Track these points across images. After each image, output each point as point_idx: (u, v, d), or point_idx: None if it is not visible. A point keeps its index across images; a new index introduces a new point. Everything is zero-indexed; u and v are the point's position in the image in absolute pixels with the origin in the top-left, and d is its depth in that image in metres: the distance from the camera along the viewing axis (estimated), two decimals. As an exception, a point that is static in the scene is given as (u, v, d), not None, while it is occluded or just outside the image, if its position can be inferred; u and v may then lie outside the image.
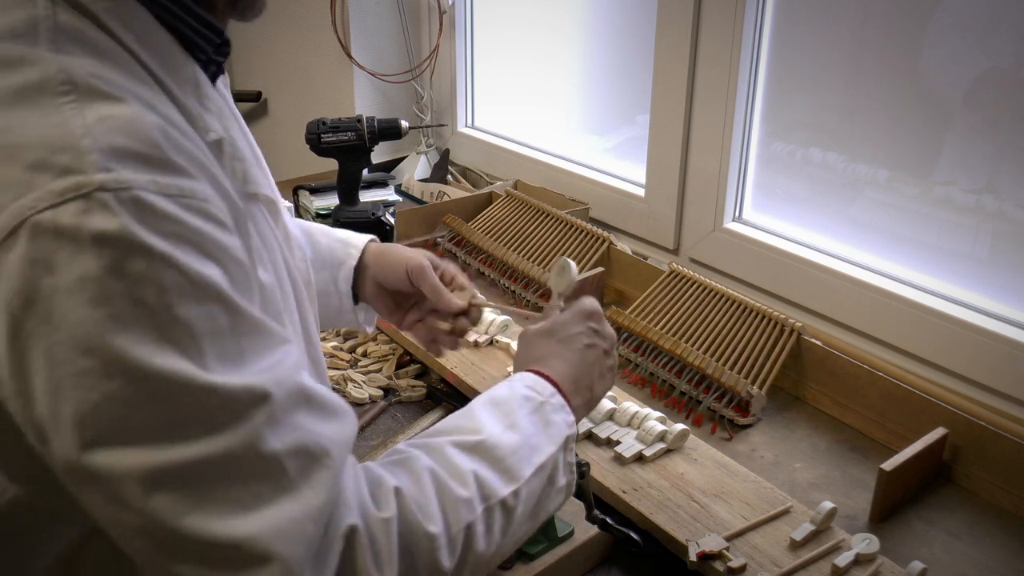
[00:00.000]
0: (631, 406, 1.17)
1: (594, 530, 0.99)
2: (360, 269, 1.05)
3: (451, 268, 1.04)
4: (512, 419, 0.79)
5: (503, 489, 0.75)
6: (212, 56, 0.72)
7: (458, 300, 1.01)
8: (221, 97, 0.75)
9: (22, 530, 0.64)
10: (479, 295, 1.04)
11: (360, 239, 1.07)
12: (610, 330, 0.93)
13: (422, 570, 0.68)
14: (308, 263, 0.90)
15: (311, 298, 0.86)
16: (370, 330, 1.12)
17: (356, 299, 1.06)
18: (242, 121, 0.79)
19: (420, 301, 1.04)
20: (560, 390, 0.84)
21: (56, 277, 0.54)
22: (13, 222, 0.54)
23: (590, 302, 0.92)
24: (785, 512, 1.02)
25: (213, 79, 0.74)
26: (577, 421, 0.85)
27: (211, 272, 0.58)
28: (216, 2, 0.71)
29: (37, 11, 0.60)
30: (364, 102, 2.24)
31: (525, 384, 0.84)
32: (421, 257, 1.01)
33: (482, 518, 0.72)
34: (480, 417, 0.79)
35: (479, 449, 0.76)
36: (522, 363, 0.89)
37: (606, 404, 1.17)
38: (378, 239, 1.09)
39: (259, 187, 0.75)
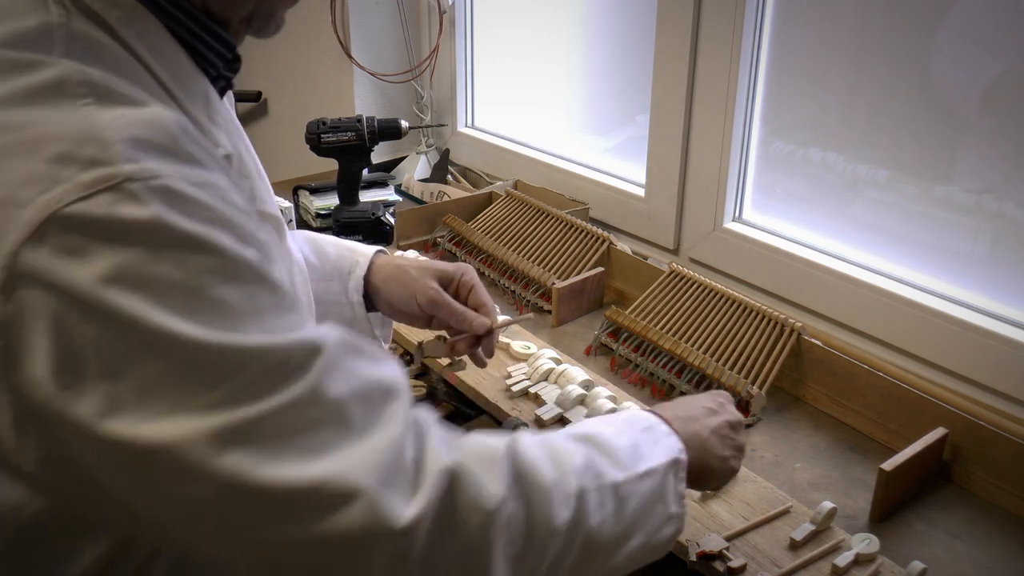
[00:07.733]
0: (631, 406, 1.17)
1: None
2: (370, 285, 1.04)
3: (468, 276, 1.03)
4: (620, 428, 0.80)
5: (616, 473, 0.74)
6: (222, 72, 0.72)
7: (483, 319, 0.98)
8: (228, 113, 0.75)
9: (46, 547, 0.63)
10: (496, 311, 1.00)
11: (367, 249, 1.06)
12: (737, 414, 0.92)
13: (539, 521, 0.67)
14: (308, 284, 0.90)
15: (311, 318, 0.86)
16: (386, 345, 1.10)
17: (369, 307, 1.05)
18: (247, 138, 0.79)
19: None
20: (670, 426, 0.83)
21: (93, 269, 0.53)
22: (41, 216, 0.53)
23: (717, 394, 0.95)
24: (785, 512, 1.02)
25: (221, 94, 0.74)
26: (689, 482, 0.83)
27: (249, 254, 0.59)
28: (231, 19, 0.71)
29: (51, 18, 0.59)
30: (364, 102, 2.25)
31: (632, 414, 0.85)
32: (429, 287, 0.99)
33: (594, 490, 0.72)
34: (587, 424, 0.81)
35: (590, 440, 0.76)
36: None
37: (606, 404, 1.17)
38: (386, 250, 1.08)
39: (265, 205, 0.75)
